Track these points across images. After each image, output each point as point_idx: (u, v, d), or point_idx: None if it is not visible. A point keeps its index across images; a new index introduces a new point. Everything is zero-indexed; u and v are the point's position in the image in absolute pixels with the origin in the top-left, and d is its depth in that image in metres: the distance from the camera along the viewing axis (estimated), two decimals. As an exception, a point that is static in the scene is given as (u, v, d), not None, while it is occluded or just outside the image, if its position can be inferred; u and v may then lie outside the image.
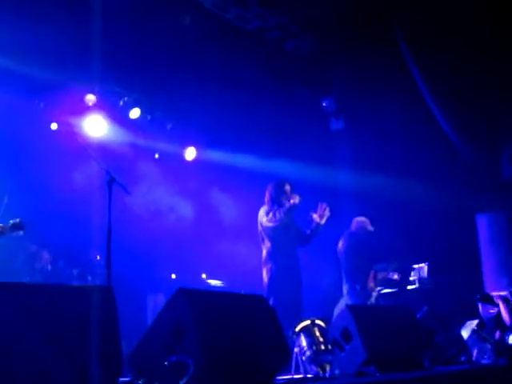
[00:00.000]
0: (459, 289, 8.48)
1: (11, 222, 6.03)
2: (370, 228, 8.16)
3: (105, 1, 7.25)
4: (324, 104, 10.55)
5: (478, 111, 8.52)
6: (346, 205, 10.28)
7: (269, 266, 6.92)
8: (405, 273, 8.16)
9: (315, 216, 6.91)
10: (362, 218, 8.27)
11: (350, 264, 7.95)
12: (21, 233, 6.07)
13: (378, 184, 9.63)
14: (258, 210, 7.17)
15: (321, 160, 10.29)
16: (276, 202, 6.93)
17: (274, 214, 6.80)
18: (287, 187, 6.92)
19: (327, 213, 6.87)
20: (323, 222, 6.89)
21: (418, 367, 5.13)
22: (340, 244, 8.24)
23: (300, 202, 6.79)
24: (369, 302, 7.67)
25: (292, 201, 6.78)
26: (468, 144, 8.76)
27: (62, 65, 8.10)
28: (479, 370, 5.52)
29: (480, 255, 8.72)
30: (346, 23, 8.64)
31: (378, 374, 4.80)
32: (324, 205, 6.91)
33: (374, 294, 7.78)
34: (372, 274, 7.89)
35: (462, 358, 6.19)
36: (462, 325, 6.70)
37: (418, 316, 6.96)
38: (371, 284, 7.81)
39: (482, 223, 8.81)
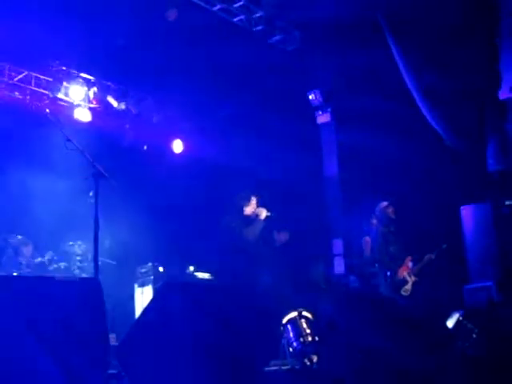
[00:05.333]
0: (444, 279, 8.55)
1: None
2: (392, 214, 7.98)
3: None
4: (310, 97, 10.55)
5: (464, 105, 8.56)
6: (333, 196, 10.34)
7: None
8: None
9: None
10: (383, 203, 8.05)
11: (380, 251, 7.84)
12: None
13: (364, 176, 9.67)
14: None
15: (307, 153, 10.32)
16: (239, 215, 6.62)
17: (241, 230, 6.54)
18: (253, 200, 6.65)
19: (261, 211, 6.60)
20: (263, 218, 6.61)
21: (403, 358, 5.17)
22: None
23: (267, 216, 6.54)
24: (402, 291, 7.59)
25: (261, 217, 6.51)
26: (454, 137, 8.81)
27: (49, 57, 8.11)
28: (464, 360, 5.57)
29: (464, 246, 8.79)
30: (332, 16, 8.64)
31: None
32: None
33: (410, 281, 7.64)
34: (407, 262, 7.77)
35: (448, 349, 6.23)
36: (447, 315, 6.76)
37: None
38: (404, 272, 7.70)
39: (467, 214, 8.87)
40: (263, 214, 6.50)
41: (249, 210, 6.58)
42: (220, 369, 3.80)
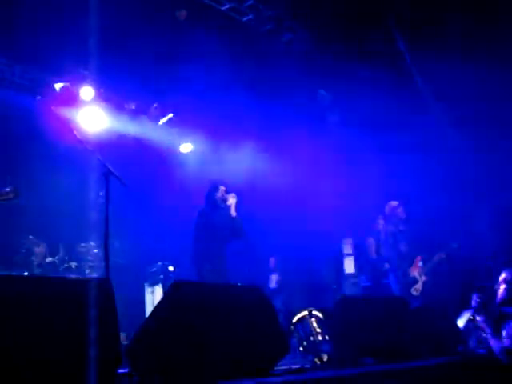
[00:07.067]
0: (455, 278, 8.52)
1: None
2: (402, 213, 7.93)
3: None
4: (319, 97, 10.56)
5: (474, 102, 8.53)
6: (342, 196, 10.33)
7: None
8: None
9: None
10: (391, 202, 8.08)
11: (389, 250, 7.78)
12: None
13: (373, 175, 9.67)
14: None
15: (316, 153, 10.33)
16: (211, 203, 7.06)
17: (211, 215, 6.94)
18: (221, 188, 7.07)
19: (228, 197, 7.00)
20: (234, 213, 6.96)
21: (414, 358, 5.16)
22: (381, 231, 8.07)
23: (236, 200, 6.96)
24: (412, 290, 7.56)
25: (229, 202, 6.97)
26: (465, 134, 8.80)
27: (59, 58, 8.14)
28: (475, 359, 5.55)
29: (476, 245, 8.75)
30: (341, 16, 8.64)
31: (374, 364, 4.83)
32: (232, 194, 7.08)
33: (420, 281, 7.58)
34: (417, 261, 7.72)
35: (459, 348, 6.22)
36: (458, 314, 6.74)
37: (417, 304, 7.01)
38: (415, 271, 7.65)
39: (479, 214, 8.84)
40: (231, 199, 6.99)
41: (218, 196, 7.06)
42: (231, 368, 3.80)
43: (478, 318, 6.11)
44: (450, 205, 8.93)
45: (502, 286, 6.03)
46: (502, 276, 6.08)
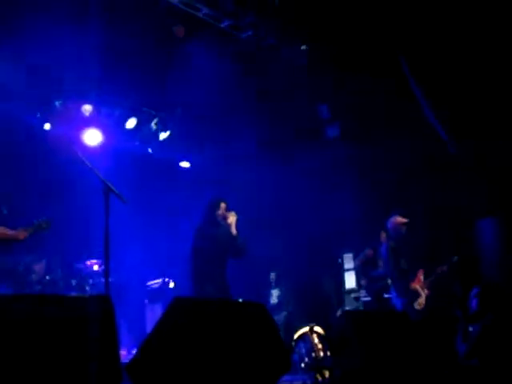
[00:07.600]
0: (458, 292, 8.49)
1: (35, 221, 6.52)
2: (404, 226, 7.88)
3: (99, 12, 7.33)
4: (319, 112, 10.58)
5: (468, 111, 8.52)
6: (343, 210, 10.32)
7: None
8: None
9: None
10: (397, 217, 7.88)
11: (391, 265, 7.74)
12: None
13: (374, 190, 9.67)
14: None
15: (317, 167, 10.33)
16: (210, 220, 6.90)
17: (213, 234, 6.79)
18: (222, 205, 6.91)
19: (229, 215, 6.85)
20: (234, 231, 6.80)
21: (416, 373, 5.13)
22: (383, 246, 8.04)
23: (236, 218, 6.79)
24: (416, 304, 7.52)
25: (229, 221, 6.78)
26: (458, 144, 8.77)
27: (59, 75, 8.18)
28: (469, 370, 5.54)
29: (480, 259, 8.72)
30: (340, 30, 8.69)
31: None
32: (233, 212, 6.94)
33: (423, 295, 7.53)
34: (419, 275, 7.68)
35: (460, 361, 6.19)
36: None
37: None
38: (416, 285, 7.61)
39: (483, 228, 8.80)
40: (231, 217, 6.78)
41: (218, 214, 6.85)
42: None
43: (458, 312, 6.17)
44: (451, 216, 8.92)
45: (474, 301, 6.07)
46: (473, 292, 6.11)
